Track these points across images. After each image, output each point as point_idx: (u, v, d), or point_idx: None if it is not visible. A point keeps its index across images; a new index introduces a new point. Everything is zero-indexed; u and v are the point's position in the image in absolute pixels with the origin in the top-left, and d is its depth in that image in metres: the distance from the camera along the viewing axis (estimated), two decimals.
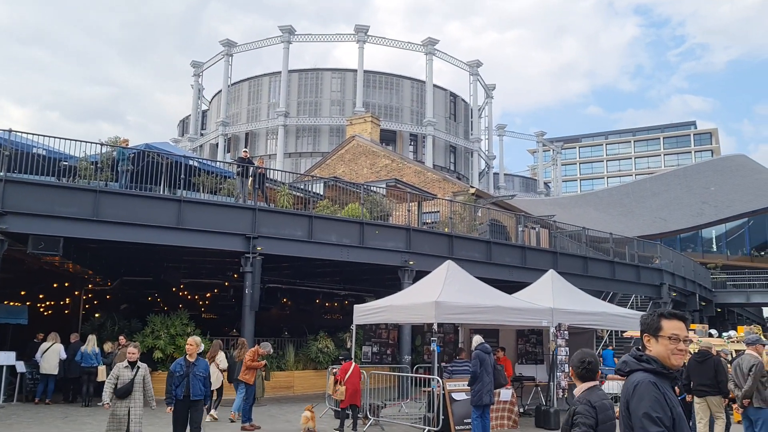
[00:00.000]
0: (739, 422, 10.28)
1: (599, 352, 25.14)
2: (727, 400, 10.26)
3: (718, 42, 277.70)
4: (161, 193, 17.72)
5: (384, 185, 26.72)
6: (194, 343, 9.41)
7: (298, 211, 19.59)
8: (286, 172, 27.46)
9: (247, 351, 13.70)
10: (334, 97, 55.79)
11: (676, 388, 13.49)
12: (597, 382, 4.34)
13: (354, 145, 37.34)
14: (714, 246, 59.99)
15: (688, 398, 10.56)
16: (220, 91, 59.77)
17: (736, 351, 16.00)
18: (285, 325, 24.99)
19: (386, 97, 56.47)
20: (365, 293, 26.48)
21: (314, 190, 23.78)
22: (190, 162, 18.98)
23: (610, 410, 4.19)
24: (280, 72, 55.72)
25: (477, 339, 11.79)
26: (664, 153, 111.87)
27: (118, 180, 17.49)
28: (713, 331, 25.49)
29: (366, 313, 14.67)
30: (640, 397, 3.13)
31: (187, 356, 9.29)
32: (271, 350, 13.35)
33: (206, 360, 9.70)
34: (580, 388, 4.32)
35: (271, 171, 24.97)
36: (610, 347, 25.70)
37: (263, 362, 13.51)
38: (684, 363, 13.85)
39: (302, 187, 24.03)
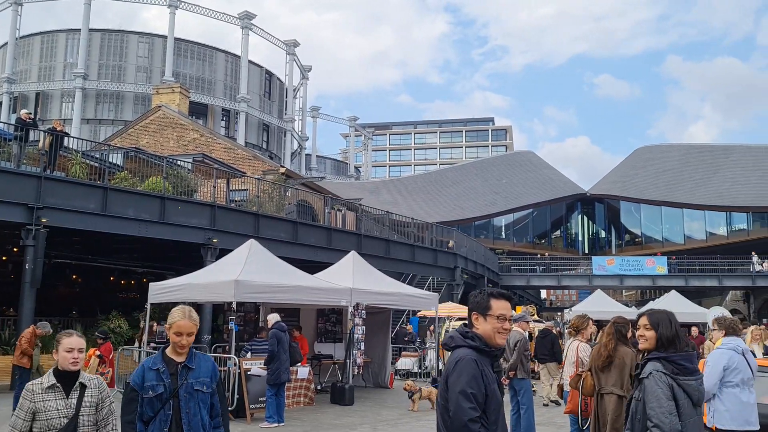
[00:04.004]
0: None
1: (407, 319, 27.02)
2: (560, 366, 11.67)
3: (516, 46, 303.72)
4: None
5: (191, 160, 25.73)
6: (190, 322, 4.26)
7: (91, 182, 18.17)
8: (80, 139, 25.27)
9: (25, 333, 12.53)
10: (140, 63, 52.28)
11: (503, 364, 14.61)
12: None
13: (160, 115, 35.43)
14: (503, 233, 65.86)
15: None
16: (6, 43, 53.30)
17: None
18: (74, 304, 23.25)
19: (198, 69, 54.10)
20: (166, 271, 25.38)
21: (113, 161, 22.23)
22: None
23: None
24: (79, 29, 50.91)
25: (273, 317, 11.83)
26: (465, 145, 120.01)
27: None
28: None
29: (163, 291, 14.09)
30: (459, 373, 3.21)
31: (166, 351, 4.30)
32: (50, 330, 12.28)
33: (211, 357, 4.84)
34: None
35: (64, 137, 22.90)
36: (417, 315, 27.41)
37: (32, 351, 12.28)
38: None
39: (99, 156, 22.35)
